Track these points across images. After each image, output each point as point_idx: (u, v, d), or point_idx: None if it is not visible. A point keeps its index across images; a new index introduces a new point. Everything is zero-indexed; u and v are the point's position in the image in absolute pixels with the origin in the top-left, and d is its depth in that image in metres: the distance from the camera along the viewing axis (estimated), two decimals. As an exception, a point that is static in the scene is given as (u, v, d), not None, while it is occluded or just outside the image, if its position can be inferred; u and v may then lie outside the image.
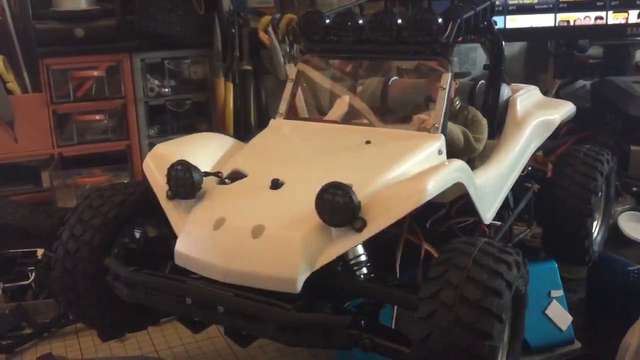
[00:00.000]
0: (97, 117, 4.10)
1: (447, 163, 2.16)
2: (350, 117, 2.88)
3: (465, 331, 1.65)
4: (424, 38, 2.37)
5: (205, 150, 2.38)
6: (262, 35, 4.25)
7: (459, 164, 2.12)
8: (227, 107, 4.27)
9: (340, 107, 3.08)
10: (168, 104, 4.29)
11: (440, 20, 2.35)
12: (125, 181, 3.91)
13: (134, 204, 2.29)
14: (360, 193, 1.94)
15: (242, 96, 4.31)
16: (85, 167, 4.11)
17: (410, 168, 2.13)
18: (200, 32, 4.21)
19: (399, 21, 2.41)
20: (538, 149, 4.35)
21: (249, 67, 4.30)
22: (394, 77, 3.06)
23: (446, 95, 2.35)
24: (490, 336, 1.66)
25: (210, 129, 4.39)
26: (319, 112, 2.94)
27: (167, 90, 4.27)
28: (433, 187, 1.91)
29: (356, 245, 1.96)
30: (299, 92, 3.66)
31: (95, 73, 4.04)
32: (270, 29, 4.25)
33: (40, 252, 3.28)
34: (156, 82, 4.24)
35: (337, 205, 1.86)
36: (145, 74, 4.18)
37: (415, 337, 1.70)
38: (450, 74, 2.37)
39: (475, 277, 1.73)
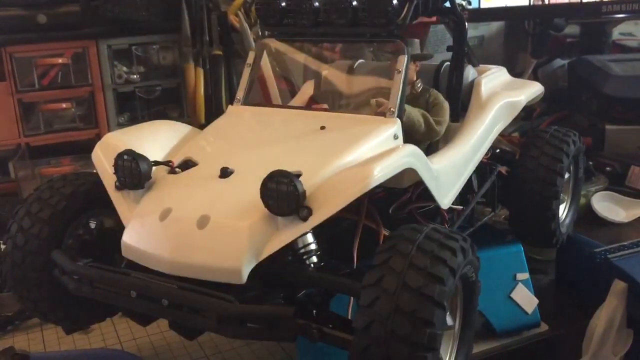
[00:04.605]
0: (64, 105, 4.01)
1: (399, 148, 2.11)
2: (312, 102, 2.84)
3: (406, 318, 1.63)
4: (379, 20, 2.32)
5: (157, 139, 2.34)
6: (233, 19, 4.18)
7: (410, 149, 2.07)
8: (197, 93, 4.19)
9: (304, 92, 3.05)
10: (137, 91, 4.21)
11: (395, 1, 2.29)
12: (79, 171, 3.85)
13: (84, 195, 2.25)
14: (309, 181, 1.91)
15: (212, 82, 4.23)
16: (54, 156, 4.05)
17: (363, 154, 2.09)
18: (168, 16, 4.11)
19: (355, 3, 2.35)
20: (514, 131, 4.37)
21: (220, 52, 4.22)
22: (360, 60, 3.01)
23: (402, 78, 2.29)
24: (431, 323, 1.63)
25: (182, 115, 4.33)
26: (280, 97, 2.89)
27: (135, 77, 4.19)
28: (379, 173, 1.87)
29: (305, 234, 1.92)
30: (271, 77, 3.62)
31: (60, 60, 3.95)
32: (240, 12, 4.17)
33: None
34: (124, 68, 4.16)
35: (281, 194, 1.82)
36: (112, 60, 4.09)
37: (357, 325, 1.67)
38: (406, 56, 2.32)
39: (418, 263, 1.70)
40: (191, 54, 4.15)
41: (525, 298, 2.75)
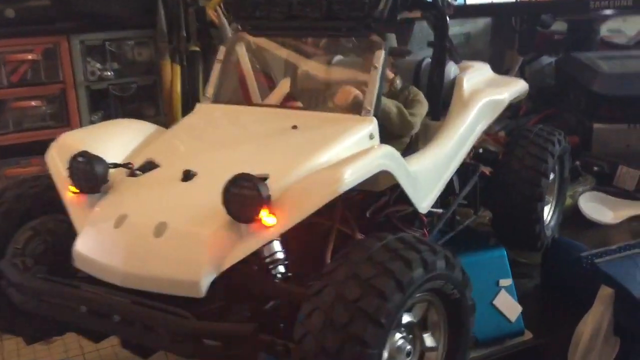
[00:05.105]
0: (34, 103, 3.86)
1: (373, 149, 1.98)
2: (286, 99, 2.73)
3: (337, 333, 1.51)
4: (355, 13, 2.20)
5: (118, 139, 2.20)
6: (212, 14, 4.04)
7: (384, 149, 1.95)
8: (174, 90, 4.06)
9: (279, 89, 2.93)
10: (111, 89, 4.06)
11: (372, -7, 2.17)
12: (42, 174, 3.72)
13: (33, 199, 2.11)
14: (276, 184, 1.78)
15: (190, 79, 4.11)
16: (24, 156, 3.89)
17: (336, 155, 1.97)
18: (143, 11, 3.98)
19: (329, -5, 2.23)
20: (500, 129, 4.26)
21: (197, 48, 4.09)
22: (338, 57, 2.89)
23: (379, 74, 2.17)
24: (363, 341, 1.51)
25: (158, 114, 4.20)
26: (250, 95, 2.77)
27: (109, 73, 4.04)
28: (350, 177, 1.74)
29: (270, 242, 1.79)
30: (250, 73, 3.48)
31: (30, 56, 3.80)
32: (219, 7, 4.04)
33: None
34: (97, 65, 4.01)
35: (244, 199, 1.69)
36: (85, 56, 3.95)
37: (294, 337, 1.58)
38: (383, 51, 2.20)
39: (362, 274, 1.58)
40: (167, 50, 4.01)
41: (509, 305, 2.63)
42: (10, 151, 3.89)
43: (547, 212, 2.96)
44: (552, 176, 2.86)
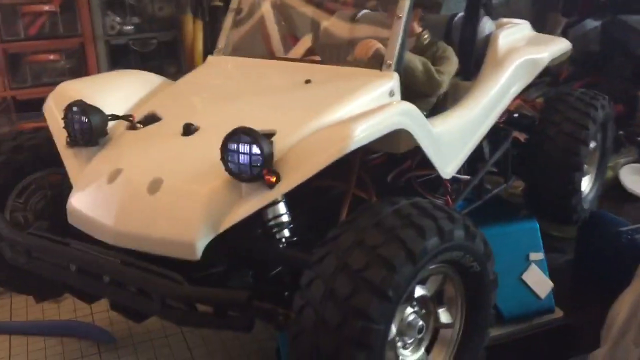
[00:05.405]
0: (52, 57, 3.78)
1: (390, 105, 1.79)
2: (307, 54, 2.56)
3: (338, 306, 1.37)
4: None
5: (122, 90, 2.07)
6: (236, -33, 3.87)
7: (403, 106, 1.77)
8: (196, 47, 3.94)
9: (301, 44, 2.77)
10: (132, 44, 3.95)
11: None
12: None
13: (32, 151, 2.00)
14: (282, 141, 1.63)
15: (212, 35, 3.96)
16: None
17: (350, 111, 1.79)
18: (165, -38, 3.84)
19: (351, -63, 2.04)
20: (539, 96, 4.01)
21: (220, 3, 3.94)
22: (365, 11, 2.69)
23: (402, 25, 1.98)
24: (366, 315, 1.36)
25: (179, 71, 4.07)
26: (271, 48, 2.60)
27: (129, 28, 3.93)
28: (361, 134, 1.57)
29: (276, 204, 1.64)
30: (273, 26, 3.31)
31: (47, 8, 3.70)
32: (244, -40, 3.86)
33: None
34: (117, 18, 3.90)
35: (243, 156, 1.53)
36: (104, 9, 3.84)
37: (294, 308, 1.44)
38: (408, 0, 1.99)
39: (369, 242, 1.42)
40: (189, 4, 3.88)
41: (539, 281, 2.46)
42: (29, 105, 3.81)
43: (586, 184, 2.75)
44: (593, 145, 2.65)
